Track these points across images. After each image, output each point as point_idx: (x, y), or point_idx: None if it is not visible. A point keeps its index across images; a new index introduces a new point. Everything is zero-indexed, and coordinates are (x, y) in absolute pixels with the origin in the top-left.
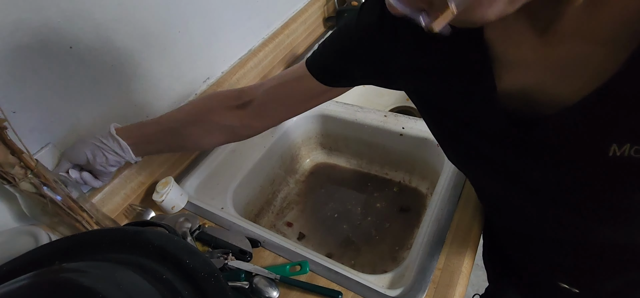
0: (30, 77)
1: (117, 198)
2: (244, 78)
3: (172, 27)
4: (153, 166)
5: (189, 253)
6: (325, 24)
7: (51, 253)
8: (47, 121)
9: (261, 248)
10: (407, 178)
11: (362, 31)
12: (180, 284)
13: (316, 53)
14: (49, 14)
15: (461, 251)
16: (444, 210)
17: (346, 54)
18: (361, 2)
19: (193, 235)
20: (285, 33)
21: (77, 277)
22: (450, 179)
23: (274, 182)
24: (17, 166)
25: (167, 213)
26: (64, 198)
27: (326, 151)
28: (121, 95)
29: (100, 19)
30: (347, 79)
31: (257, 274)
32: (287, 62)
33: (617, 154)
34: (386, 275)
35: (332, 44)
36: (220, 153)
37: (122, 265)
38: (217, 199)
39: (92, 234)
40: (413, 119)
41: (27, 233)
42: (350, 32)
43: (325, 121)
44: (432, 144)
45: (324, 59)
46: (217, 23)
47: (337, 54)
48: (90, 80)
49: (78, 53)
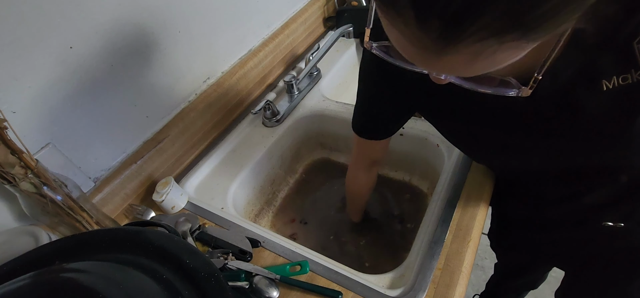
0: (30, 77)
1: (117, 198)
2: (244, 78)
3: (172, 27)
4: (153, 166)
5: (189, 253)
6: (325, 24)
7: (51, 253)
8: (47, 121)
9: (261, 248)
10: (407, 177)
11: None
12: (180, 284)
13: (358, 117)
14: (49, 14)
15: (461, 251)
16: (444, 210)
17: (381, 113)
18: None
19: (193, 235)
20: (285, 33)
21: (77, 276)
22: (450, 179)
23: (274, 182)
24: (17, 166)
25: (167, 213)
26: (64, 198)
27: (326, 151)
28: (121, 95)
29: (100, 19)
30: (396, 126)
31: (257, 274)
32: (287, 62)
33: (610, 87)
34: (386, 275)
35: (367, 105)
36: (221, 153)
37: (122, 265)
38: (217, 199)
39: (92, 234)
40: (413, 119)
41: (27, 233)
42: (371, 94)
43: (325, 121)
44: (432, 144)
45: (372, 124)
46: (217, 23)
47: (379, 116)
48: (90, 80)
49: (78, 53)
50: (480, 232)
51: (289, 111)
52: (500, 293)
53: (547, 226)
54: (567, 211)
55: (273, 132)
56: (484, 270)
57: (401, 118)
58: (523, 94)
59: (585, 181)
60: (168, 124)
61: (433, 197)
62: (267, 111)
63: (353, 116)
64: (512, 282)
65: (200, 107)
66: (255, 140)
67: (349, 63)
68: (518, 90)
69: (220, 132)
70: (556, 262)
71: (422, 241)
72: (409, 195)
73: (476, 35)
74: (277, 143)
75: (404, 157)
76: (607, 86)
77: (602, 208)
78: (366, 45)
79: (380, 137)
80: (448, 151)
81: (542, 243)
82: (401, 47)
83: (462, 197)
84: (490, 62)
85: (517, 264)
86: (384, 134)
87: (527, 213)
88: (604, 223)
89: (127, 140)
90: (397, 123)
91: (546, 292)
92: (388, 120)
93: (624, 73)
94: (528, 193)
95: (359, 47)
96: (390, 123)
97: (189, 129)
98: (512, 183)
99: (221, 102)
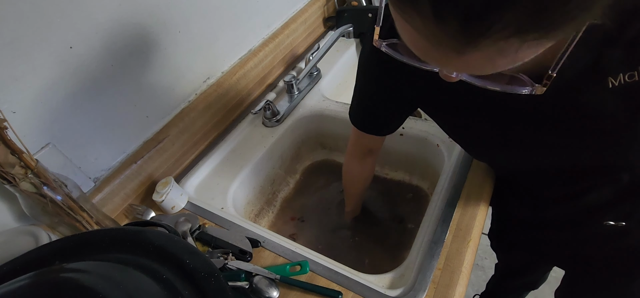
0: (30, 77)
1: (117, 198)
2: (244, 78)
3: (172, 27)
4: (153, 166)
5: (189, 253)
6: (325, 24)
7: (51, 253)
8: (47, 121)
9: (261, 248)
10: (407, 177)
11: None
12: (180, 284)
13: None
14: (49, 14)
15: (461, 251)
16: (444, 210)
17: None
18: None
19: (193, 235)
20: (285, 33)
21: (77, 276)
22: (450, 179)
23: (274, 182)
24: (17, 166)
25: (167, 213)
26: (64, 198)
27: (326, 150)
28: (121, 94)
29: (100, 19)
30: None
31: (257, 274)
32: (287, 62)
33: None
34: (386, 275)
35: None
36: (221, 153)
37: (122, 265)
38: (217, 199)
39: (92, 234)
40: (413, 119)
41: (27, 233)
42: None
43: (325, 121)
44: (432, 144)
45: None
46: (217, 23)
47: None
48: (90, 80)
49: (78, 53)
50: (480, 232)
51: (289, 111)
52: (501, 293)
53: (547, 226)
54: (568, 210)
55: (273, 132)
56: (484, 270)
57: (402, 114)
58: (537, 92)
59: (586, 180)
60: (168, 124)
61: (433, 197)
62: (267, 111)
63: (351, 107)
64: (512, 282)
65: (200, 107)
66: (255, 140)
67: (349, 63)
68: (531, 88)
69: (220, 132)
70: (557, 261)
71: (422, 241)
72: (409, 195)
73: (500, 33)
74: (277, 143)
75: (404, 157)
76: (613, 83)
77: (604, 207)
78: (375, 43)
79: (381, 133)
80: (448, 151)
81: (543, 242)
82: (414, 45)
83: (462, 197)
84: (511, 60)
85: (517, 264)
86: (384, 131)
87: (528, 212)
88: (605, 222)
89: (127, 140)
90: (398, 119)
91: (546, 292)
92: (389, 116)
93: (630, 71)
94: (528, 192)
95: (359, 47)
96: (390, 119)
97: (189, 129)
98: (512, 182)
99: (221, 102)
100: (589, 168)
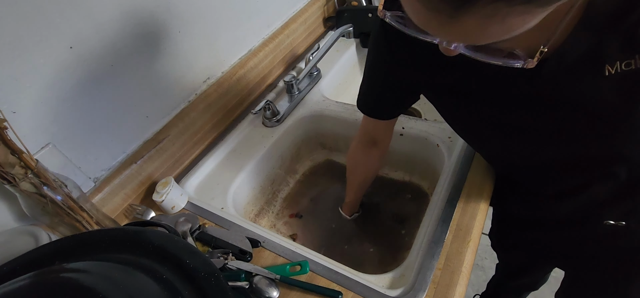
0: (30, 77)
1: (117, 198)
2: (244, 78)
3: (172, 27)
4: (153, 166)
5: (189, 253)
6: (325, 24)
7: (51, 253)
8: (47, 121)
9: (261, 248)
10: (407, 177)
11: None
12: (180, 284)
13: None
14: (49, 14)
15: (461, 251)
16: (444, 209)
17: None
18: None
19: (193, 235)
20: (285, 33)
21: (77, 276)
22: (450, 179)
23: (274, 182)
24: (17, 166)
25: (167, 213)
26: (64, 198)
27: (326, 150)
28: (121, 95)
29: (100, 19)
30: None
31: (257, 274)
32: (287, 62)
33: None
34: (386, 275)
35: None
36: (221, 153)
37: (122, 265)
38: (217, 199)
39: (92, 234)
40: (413, 119)
41: (27, 233)
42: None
43: (325, 121)
44: (432, 144)
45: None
46: (218, 23)
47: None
48: (90, 80)
49: (78, 53)
50: (481, 232)
51: (289, 111)
52: (501, 293)
53: (547, 226)
54: (568, 209)
55: (273, 132)
56: (484, 270)
57: (404, 99)
58: (528, 65)
59: (584, 175)
60: (168, 124)
61: (433, 197)
62: (267, 111)
63: (359, 91)
64: (512, 282)
65: (200, 107)
66: (255, 140)
67: (349, 63)
68: (523, 61)
69: (220, 132)
70: (557, 261)
71: (422, 241)
72: (409, 194)
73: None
74: (277, 143)
75: (404, 157)
76: (610, 71)
77: (603, 206)
78: (380, 13)
79: (382, 117)
80: (448, 151)
81: (543, 242)
82: (414, 13)
83: (462, 197)
84: (503, 27)
85: (517, 264)
86: (386, 114)
87: (528, 212)
88: (605, 221)
89: (127, 140)
90: (400, 104)
91: (546, 292)
92: (391, 99)
93: (627, 59)
94: (528, 191)
95: (359, 47)
96: (393, 101)
97: (189, 129)
98: (512, 181)
99: (221, 102)
100: (586, 161)
